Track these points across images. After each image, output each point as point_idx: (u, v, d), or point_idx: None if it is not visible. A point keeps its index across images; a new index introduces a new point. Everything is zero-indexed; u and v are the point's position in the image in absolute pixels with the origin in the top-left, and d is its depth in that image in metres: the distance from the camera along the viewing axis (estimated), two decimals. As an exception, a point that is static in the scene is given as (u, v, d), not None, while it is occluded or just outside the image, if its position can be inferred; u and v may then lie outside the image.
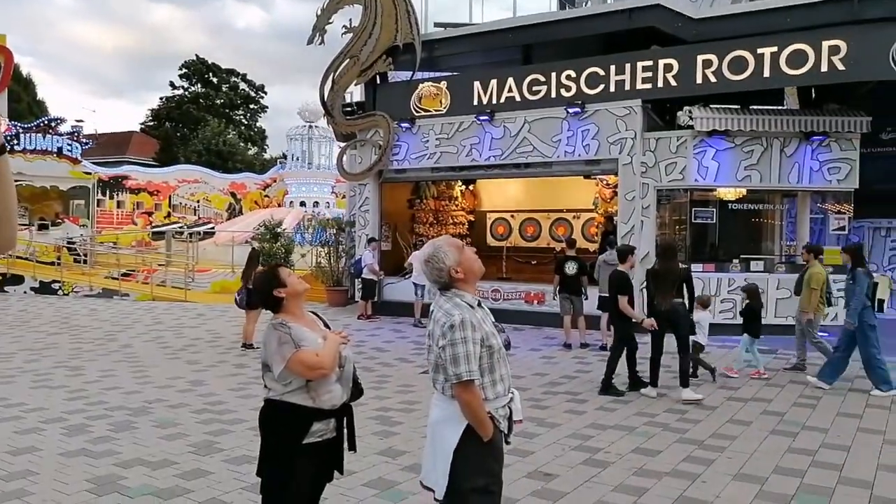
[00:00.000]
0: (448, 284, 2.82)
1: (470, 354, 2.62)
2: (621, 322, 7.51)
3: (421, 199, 16.20)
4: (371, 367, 8.64)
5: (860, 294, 7.27)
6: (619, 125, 11.87)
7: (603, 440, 5.58)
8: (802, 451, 5.29)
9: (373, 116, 14.11)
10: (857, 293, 7.29)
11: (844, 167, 11.37)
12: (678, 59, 11.48)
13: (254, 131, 53.74)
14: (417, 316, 12.59)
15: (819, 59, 10.44)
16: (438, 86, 13.71)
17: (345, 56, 14.19)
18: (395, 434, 5.71)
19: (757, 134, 11.38)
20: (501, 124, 12.87)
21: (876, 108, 11.41)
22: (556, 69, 12.52)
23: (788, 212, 13.22)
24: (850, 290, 7.47)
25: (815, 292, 8.27)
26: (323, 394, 2.87)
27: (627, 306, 7.30)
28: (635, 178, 11.78)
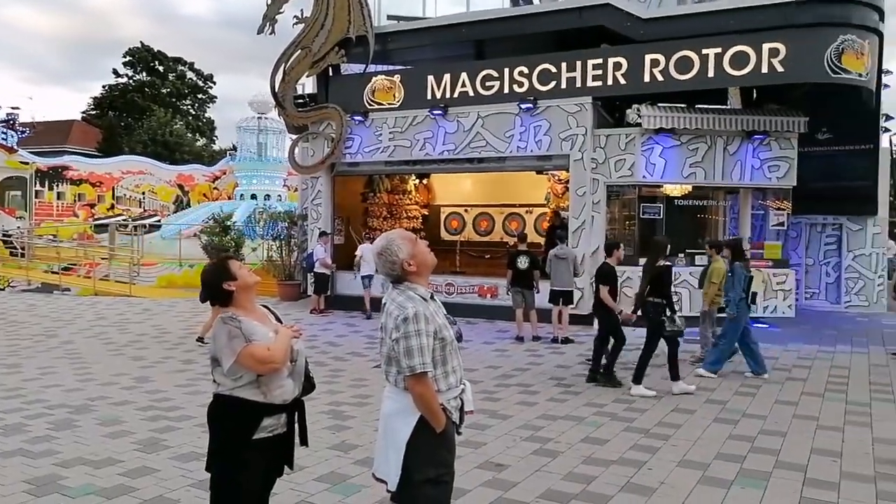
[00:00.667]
0: (401, 277, 2.83)
1: (423, 347, 2.64)
2: (607, 315, 7.60)
3: (374, 193, 16.12)
4: (324, 362, 8.57)
5: (738, 286, 7.74)
6: (570, 121, 12.06)
7: (553, 430, 5.69)
8: (742, 438, 5.51)
9: (325, 109, 13.95)
10: (734, 285, 7.77)
11: (783, 165, 11.84)
12: (627, 57, 11.72)
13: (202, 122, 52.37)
14: (367, 308, 12.64)
15: (760, 61, 10.83)
16: (392, 79, 13.64)
17: (296, 47, 13.96)
18: (348, 428, 5.69)
19: (702, 132, 11.73)
20: (455, 119, 12.91)
21: (812, 109, 11.90)
22: (509, 65, 12.62)
23: (731, 208, 13.67)
24: (728, 282, 7.94)
25: (715, 286, 8.45)
26: (274, 388, 2.84)
27: (608, 297, 7.48)
28: (586, 174, 12.00)
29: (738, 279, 7.79)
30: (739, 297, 7.79)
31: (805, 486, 4.46)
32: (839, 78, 10.68)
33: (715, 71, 11.13)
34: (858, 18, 10.92)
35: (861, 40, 10.71)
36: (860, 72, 10.79)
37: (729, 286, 7.93)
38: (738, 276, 7.81)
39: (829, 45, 10.55)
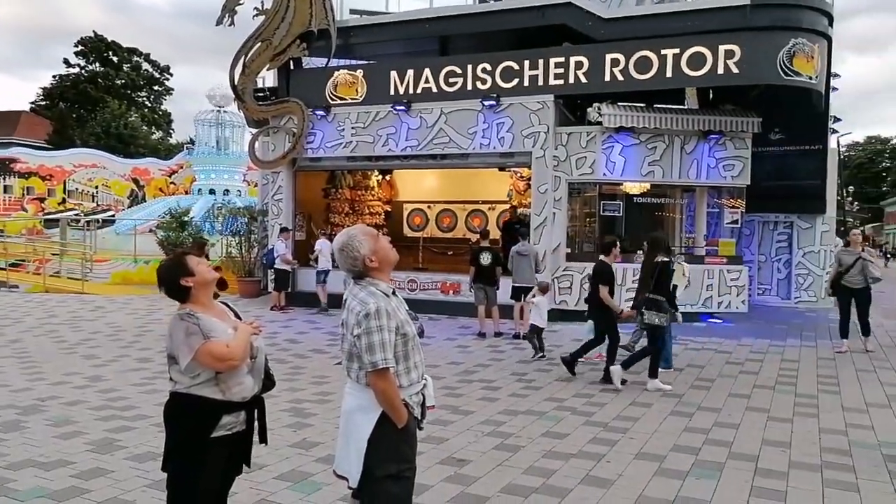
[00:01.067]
0: (362, 273, 2.82)
1: (385, 342, 2.64)
2: (603, 314, 7.50)
3: (336, 189, 15.98)
4: (284, 359, 8.47)
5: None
6: (532, 119, 12.15)
7: (515, 425, 5.75)
8: (697, 430, 5.65)
9: (286, 103, 13.75)
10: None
11: (738, 164, 12.16)
12: (588, 56, 11.86)
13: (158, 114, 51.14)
14: (323, 303, 12.60)
15: (716, 62, 11.09)
16: (354, 74, 13.53)
17: (256, 39, 13.72)
18: (309, 426, 5.64)
19: (660, 131, 11.97)
20: (418, 115, 12.88)
21: (765, 110, 12.25)
22: (472, 62, 12.64)
23: (688, 206, 13.99)
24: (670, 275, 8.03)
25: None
26: (233, 386, 2.79)
27: (608, 296, 7.39)
28: (548, 172, 12.12)
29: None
30: None
31: (756, 475, 4.61)
32: (791, 80, 11.02)
33: (673, 71, 11.36)
34: (809, 23, 11.27)
35: (811, 44, 11.07)
36: (811, 74, 11.15)
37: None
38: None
39: (782, 48, 10.87)
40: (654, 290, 7.06)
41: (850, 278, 9.11)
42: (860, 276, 9.06)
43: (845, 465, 4.82)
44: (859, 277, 9.07)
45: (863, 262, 9.05)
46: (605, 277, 7.47)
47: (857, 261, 9.06)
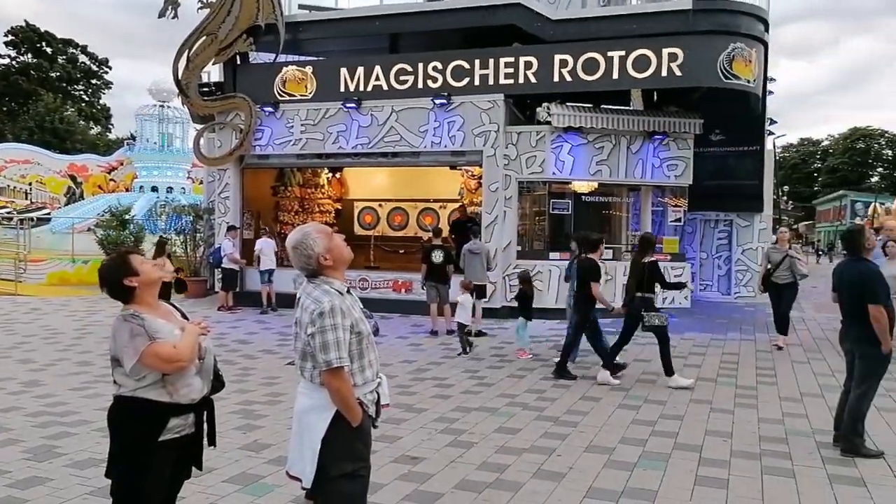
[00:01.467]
0: (316, 272, 2.79)
1: (340, 341, 2.62)
2: (585, 308, 7.56)
3: (286, 187, 15.72)
4: (233, 360, 8.29)
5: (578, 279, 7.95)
6: (483, 118, 12.24)
7: (468, 422, 5.78)
8: (645, 422, 5.81)
9: (233, 98, 13.45)
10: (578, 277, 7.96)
11: (681, 164, 12.55)
12: (537, 57, 12.03)
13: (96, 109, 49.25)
14: (266, 304, 12.42)
15: (660, 65, 11.41)
16: (304, 70, 13.34)
17: (201, 33, 13.37)
18: (260, 427, 5.54)
19: (607, 131, 12.23)
20: (369, 112, 12.80)
21: (706, 112, 12.67)
22: (423, 60, 12.64)
23: (634, 204, 14.35)
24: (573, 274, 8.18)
25: None
26: (181, 388, 2.72)
27: (601, 293, 7.48)
28: (498, 170, 12.23)
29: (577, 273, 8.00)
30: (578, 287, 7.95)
31: (700, 465, 4.77)
32: (730, 83, 11.43)
33: (619, 73, 11.62)
34: (747, 28, 11.73)
35: (749, 49, 11.52)
36: (749, 78, 11.60)
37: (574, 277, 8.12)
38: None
39: (722, 52, 11.27)
40: (645, 290, 7.25)
41: (779, 274, 9.38)
42: (787, 272, 9.31)
43: (783, 452, 5.04)
44: (786, 273, 9.32)
45: (790, 260, 9.29)
46: (595, 274, 7.51)
47: (785, 258, 9.32)
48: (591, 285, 7.41)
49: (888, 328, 4.95)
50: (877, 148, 61.01)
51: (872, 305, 4.89)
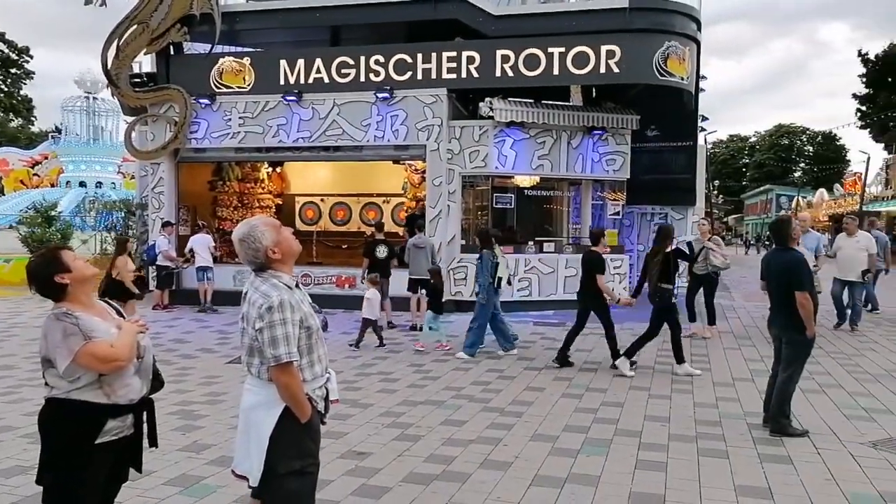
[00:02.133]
0: (264, 265, 2.75)
1: (289, 336, 2.59)
2: (596, 301, 7.75)
3: (224, 181, 15.31)
4: (170, 360, 8.03)
5: (485, 272, 8.35)
6: (426, 112, 12.22)
7: (414, 416, 5.79)
8: (587, 410, 5.96)
9: (167, 90, 12.98)
10: (482, 271, 8.39)
11: (619, 159, 12.87)
12: (480, 52, 12.09)
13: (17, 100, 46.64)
14: (203, 302, 12.11)
15: (599, 62, 11.66)
16: (242, 62, 12.99)
17: (132, 21, 12.82)
18: (200, 428, 5.39)
19: (548, 126, 12.41)
20: (310, 106, 12.60)
21: (642, 108, 13.03)
22: (365, 53, 12.52)
23: (574, 198, 14.63)
24: (478, 269, 8.54)
25: None
26: (119, 388, 2.62)
27: (606, 285, 7.72)
28: (442, 165, 12.25)
29: (485, 266, 8.36)
30: (488, 282, 8.32)
31: (640, 449, 4.93)
32: (665, 80, 11.80)
33: (559, 69, 11.82)
34: (681, 27, 12.13)
35: (683, 47, 11.91)
36: (682, 75, 12.00)
37: (479, 272, 8.48)
38: (486, 262, 8.36)
39: (657, 49, 11.61)
40: (662, 279, 7.46)
41: (697, 266, 9.57)
42: (704, 263, 9.53)
43: (717, 434, 5.27)
44: (703, 265, 9.54)
45: (706, 251, 9.47)
46: (600, 266, 7.77)
47: (702, 250, 9.52)
48: (597, 277, 7.67)
49: (813, 314, 5.24)
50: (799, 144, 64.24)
51: (799, 292, 5.16)
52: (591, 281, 7.75)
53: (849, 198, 35.51)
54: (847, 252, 10.36)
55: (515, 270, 12.30)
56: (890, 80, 41.63)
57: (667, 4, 12.15)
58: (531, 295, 12.37)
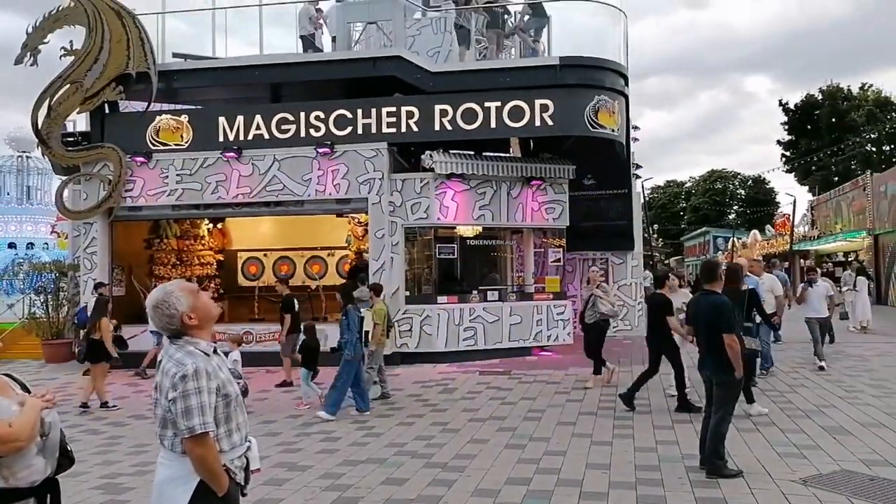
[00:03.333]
0: (180, 332, 2.67)
1: (204, 405, 2.51)
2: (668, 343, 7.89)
3: (161, 239, 14.95)
4: (99, 429, 7.64)
5: (353, 328, 8.00)
6: (367, 166, 12.33)
7: (354, 476, 5.64)
8: (530, 461, 5.93)
9: (100, 148, 12.72)
10: (349, 327, 8.01)
11: (558, 208, 13.21)
12: (418, 107, 12.35)
13: (-56, 159, 44.75)
14: (143, 364, 11.54)
15: (533, 115, 12.06)
16: (179, 119, 12.90)
17: (65, 80, 12.60)
18: (125, 502, 5.11)
19: (488, 177, 12.68)
20: (250, 162, 12.54)
21: (578, 158, 13.49)
22: (305, 109, 12.62)
23: (517, 246, 14.87)
24: (342, 326, 8.09)
25: (379, 327, 8.68)
26: (19, 470, 2.46)
27: (679, 326, 7.62)
28: (384, 217, 12.31)
29: (351, 321, 8.00)
30: (355, 337, 7.95)
31: (581, 499, 4.92)
32: (597, 132, 12.28)
33: (496, 122, 12.16)
34: (609, 82, 12.71)
35: (612, 101, 12.46)
36: (613, 127, 12.51)
37: (343, 329, 8.03)
38: (352, 318, 8.02)
39: (588, 103, 12.11)
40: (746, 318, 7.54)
41: (587, 313, 9.28)
42: (592, 311, 9.21)
43: (656, 479, 5.31)
44: (590, 312, 9.24)
45: (594, 298, 9.23)
46: (668, 308, 7.84)
47: (591, 297, 9.29)
48: (667, 320, 7.73)
49: (740, 355, 5.42)
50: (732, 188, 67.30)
51: (726, 335, 5.33)
52: (662, 323, 7.88)
53: (780, 238, 37.16)
54: None
55: (460, 321, 12.33)
56: (809, 128, 44.49)
57: (595, 62, 12.73)
58: (476, 344, 12.37)
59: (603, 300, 9.29)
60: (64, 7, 12.64)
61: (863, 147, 39.78)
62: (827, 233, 31.10)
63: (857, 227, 26.83)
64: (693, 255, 60.12)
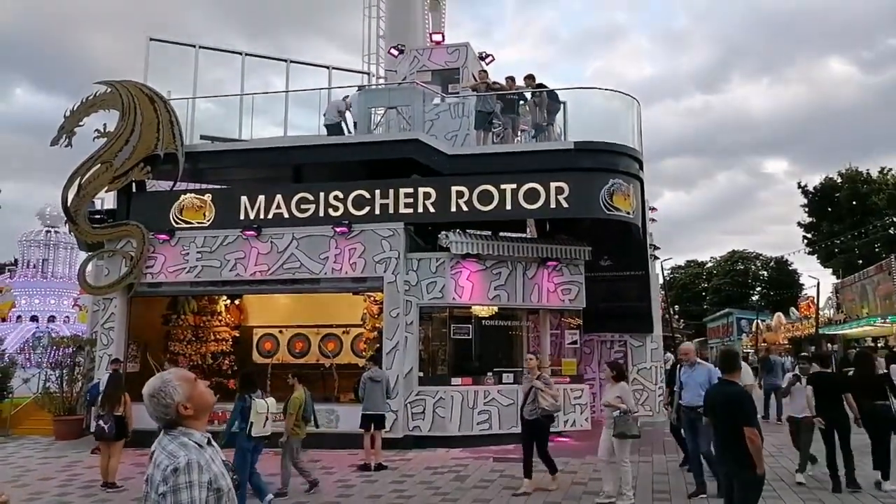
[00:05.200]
0: (175, 422, 2.62)
1: (195, 500, 2.43)
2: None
3: (179, 315, 15.02)
4: (100, 513, 7.43)
5: (234, 416, 7.74)
6: (384, 245, 12.45)
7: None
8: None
9: (125, 226, 13.05)
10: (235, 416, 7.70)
11: (574, 289, 13.13)
12: (435, 188, 12.58)
13: (-22, 232, 46.22)
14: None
15: (549, 197, 12.19)
16: (203, 198, 13.25)
17: (96, 160, 13.12)
18: None
19: (503, 258, 12.71)
20: (268, 240, 12.75)
21: (594, 239, 13.52)
22: (325, 190, 12.91)
23: (533, 327, 14.70)
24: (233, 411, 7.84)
25: (292, 416, 8.44)
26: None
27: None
28: (399, 296, 12.30)
29: (235, 409, 7.80)
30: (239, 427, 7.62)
31: None
32: (612, 214, 12.35)
33: (512, 204, 12.31)
34: (624, 166, 12.89)
35: (627, 184, 12.60)
36: (628, 210, 12.58)
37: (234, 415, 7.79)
38: (236, 407, 7.79)
39: (603, 186, 12.24)
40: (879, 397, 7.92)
41: (526, 408, 8.23)
42: (532, 406, 8.13)
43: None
44: (530, 407, 8.15)
45: (535, 392, 8.14)
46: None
47: (531, 389, 8.18)
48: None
49: (761, 449, 5.16)
50: (754, 269, 66.68)
51: (747, 428, 5.09)
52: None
53: (805, 321, 36.39)
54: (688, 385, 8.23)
55: (475, 403, 12.05)
56: (830, 210, 44.39)
57: (609, 146, 12.96)
58: (491, 428, 12.03)
59: (544, 394, 8.13)
60: (101, 93, 13.33)
61: (886, 230, 39.45)
62: (853, 316, 30.40)
63: (884, 311, 26.22)
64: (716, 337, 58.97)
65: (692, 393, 7.90)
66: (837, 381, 8.57)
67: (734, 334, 52.18)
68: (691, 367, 8.14)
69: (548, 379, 8.55)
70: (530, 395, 8.19)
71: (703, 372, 7.98)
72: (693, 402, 7.81)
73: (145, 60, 14.29)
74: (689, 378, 8.05)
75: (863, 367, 8.64)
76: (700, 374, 7.96)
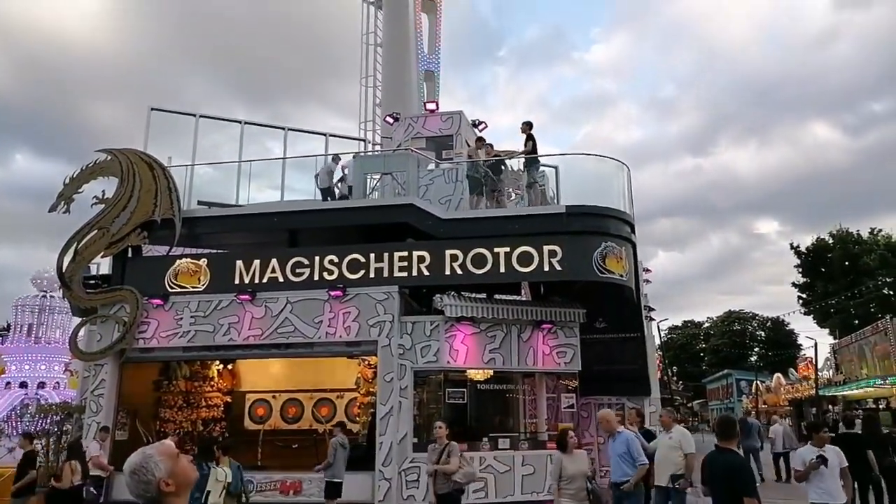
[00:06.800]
0: (156, 499, 2.58)
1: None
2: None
3: (170, 381, 14.83)
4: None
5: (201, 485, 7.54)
6: (378, 308, 12.44)
7: None
8: None
9: (119, 291, 13.04)
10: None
11: (569, 351, 13.04)
12: (430, 252, 12.67)
13: (-28, 297, 45.98)
14: None
15: (542, 260, 12.29)
16: (198, 263, 13.30)
17: (93, 226, 13.24)
18: None
19: (498, 321, 12.68)
20: (263, 304, 12.74)
21: (589, 302, 13.52)
22: (320, 254, 12.99)
23: (529, 391, 14.51)
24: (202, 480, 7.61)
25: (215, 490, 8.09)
26: None
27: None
28: (394, 360, 12.21)
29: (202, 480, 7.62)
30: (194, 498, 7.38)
31: None
32: (605, 277, 12.42)
33: (505, 267, 12.38)
34: (616, 229, 13.05)
35: (619, 247, 12.73)
36: (621, 273, 12.66)
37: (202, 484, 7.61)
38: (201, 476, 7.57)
39: (595, 249, 12.36)
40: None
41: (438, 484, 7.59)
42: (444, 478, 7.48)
43: None
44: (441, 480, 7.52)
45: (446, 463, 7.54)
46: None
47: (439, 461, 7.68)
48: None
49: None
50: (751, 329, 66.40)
51: (748, 498, 4.99)
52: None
53: (805, 382, 36.00)
54: (660, 452, 8.16)
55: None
56: (823, 270, 44.67)
57: (601, 210, 13.16)
58: (487, 496, 11.71)
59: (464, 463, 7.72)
60: (101, 160, 13.58)
61: (879, 291, 39.60)
62: (853, 377, 30.12)
63: (883, 372, 25.99)
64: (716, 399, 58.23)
65: (614, 467, 7.30)
66: (863, 440, 8.86)
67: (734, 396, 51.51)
68: (612, 438, 7.56)
69: (455, 450, 7.90)
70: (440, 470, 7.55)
71: (621, 442, 7.38)
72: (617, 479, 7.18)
73: (146, 129, 14.66)
74: (609, 450, 7.44)
75: (870, 427, 9.34)
76: (619, 445, 7.36)
